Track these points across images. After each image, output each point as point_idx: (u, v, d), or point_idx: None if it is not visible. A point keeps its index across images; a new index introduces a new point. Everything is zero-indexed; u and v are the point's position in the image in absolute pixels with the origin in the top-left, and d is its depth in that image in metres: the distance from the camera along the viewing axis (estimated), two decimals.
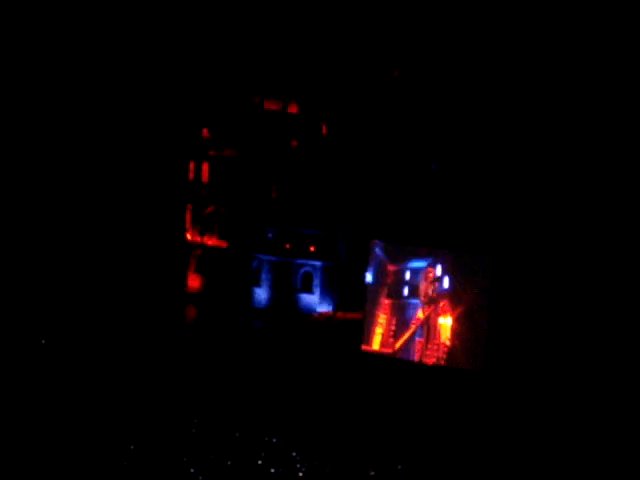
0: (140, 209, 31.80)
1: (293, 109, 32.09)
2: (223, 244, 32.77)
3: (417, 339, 28.00)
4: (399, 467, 21.78)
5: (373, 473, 21.21)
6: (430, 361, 27.77)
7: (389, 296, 28.21)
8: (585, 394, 24.65)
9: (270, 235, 32.10)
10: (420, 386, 26.95)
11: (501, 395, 25.87)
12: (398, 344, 28.15)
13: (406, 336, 28.12)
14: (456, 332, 27.48)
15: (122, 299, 30.86)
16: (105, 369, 27.03)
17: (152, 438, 22.08)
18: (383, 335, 28.27)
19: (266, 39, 31.16)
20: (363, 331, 28.56)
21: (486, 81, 27.99)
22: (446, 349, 27.60)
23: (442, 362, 27.59)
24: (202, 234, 32.79)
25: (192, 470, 20.46)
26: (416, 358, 27.99)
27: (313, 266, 31.31)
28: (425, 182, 29.24)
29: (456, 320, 27.45)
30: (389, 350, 28.28)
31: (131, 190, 31.74)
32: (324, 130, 31.16)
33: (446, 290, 27.65)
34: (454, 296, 27.55)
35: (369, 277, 28.93)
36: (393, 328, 28.33)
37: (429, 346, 27.88)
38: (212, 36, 31.76)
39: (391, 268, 28.23)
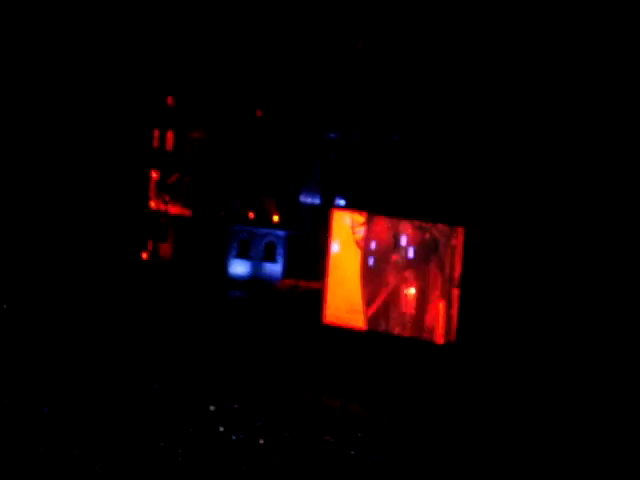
0: (103, 177, 31.63)
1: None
2: (187, 212, 32.69)
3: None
4: (359, 435, 22.04)
5: (333, 440, 21.44)
6: (395, 330, 27.95)
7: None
8: (560, 369, 24.90)
9: (236, 205, 32.06)
10: (382, 355, 27.22)
11: (466, 367, 26.14)
12: (370, 312, 28.35)
13: (377, 304, 28.31)
14: (419, 302, 27.71)
15: (83, 266, 30.76)
16: (69, 338, 27.07)
17: (113, 406, 22.17)
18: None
19: (233, 9, 31.02)
20: (325, 301, 28.70)
21: (453, 49, 27.94)
22: (411, 319, 27.79)
23: (406, 332, 27.77)
24: (166, 202, 32.70)
25: (153, 437, 20.60)
26: (382, 327, 28.20)
27: (277, 236, 31.35)
28: (390, 152, 29.24)
29: (419, 290, 27.67)
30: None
31: (94, 158, 31.53)
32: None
33: (411, 260, 27.82)
34: (417, 266, 27.75)
35: (336, 247, 29.00)
36: (367, 297, 28.52)
37: (394, 315, 28.06)
38: (179, 6, 31.58)
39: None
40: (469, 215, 27.22)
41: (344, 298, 28.51)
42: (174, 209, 32.67)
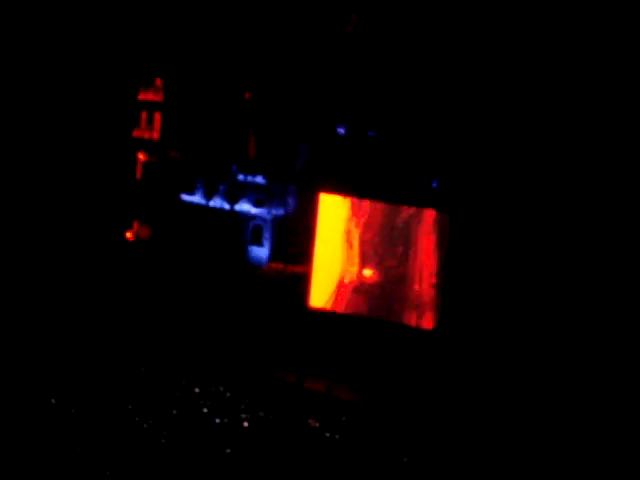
0: (90, 159, 31.53)
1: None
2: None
3: None
4: (343, 419, 22.15)
5: (317, 425, 21.53)
6: (379, 315, 28.11)
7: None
8: (544, 354, 25.09)
9: (223, 187, 31.99)
10: (365, 338, 27.38)
11: (447, 351, 26.32)
12: (352, 297, 28.51)
13: (359, 289, 28.52)
14: (401, 287, 27.99)
15: (70, 250, 30.66)
16: (60, 318, 27.05)
17: (98, 386, 22.20)
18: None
19: None
20: (309, 285, 28.75)
21: (437, 42, 28.00)
22: (394, 304, 28.01)
23: (389, 317, 28.00)
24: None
25: (137, 418, 20.64)
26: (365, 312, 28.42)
27: (263, 219, 31.24)
28: (379, 139, 29.28)
29: (400, 276, 27.98)
30: None
31: (81, 139, 31.43)
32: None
33: (390, 246, 28.07)
34: (397, 252, 28.03)
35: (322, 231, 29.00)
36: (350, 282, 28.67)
37: (378, 300, 28.26)
38: None
39: None
40: (456, 203, 27.38)
41: (328, 282, 28.65)
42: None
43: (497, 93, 26.79)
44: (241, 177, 31.25)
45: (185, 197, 31.65)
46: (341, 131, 29.62)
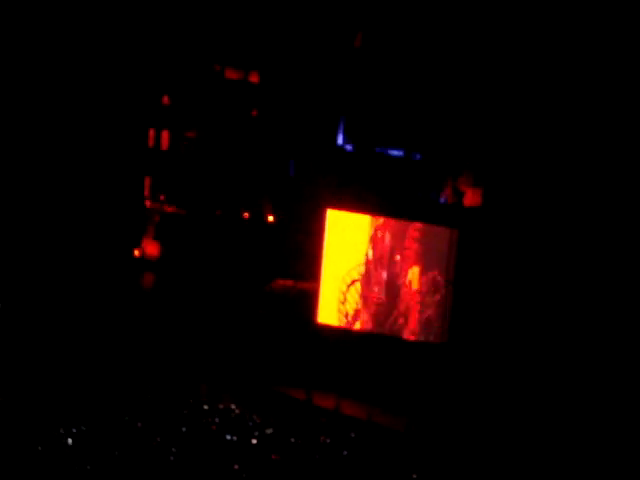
0: (98, 176, 31.55)
1: (254, 79, 32.01)
2: (182, 211, 32.53)
3: None
4: (352, 435, 22.06)
5: (329, 441, 21.47)
6: (387, 331, 28.12)
7: None
8: (554, 370, 25.02)
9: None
10: (375, 356, 27.33)
11: (457, 367, 26.25)
12: (362, 313, 28.48)
13: (368, 305, 28.47)
14: (409, 302, 27.94)
15: (77, 267, 30.65)
16: (58, 337, 27.00)
17: (104, 404, 22.16)
18: None
19: (228, 6, 31.06)
20: (317, 300, 28.69)
21: (450, 54, 28.06)
22: (399, 319, 27.99)
23: (398, 333, 27.99)
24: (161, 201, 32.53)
25: (145, 435, 20.59)
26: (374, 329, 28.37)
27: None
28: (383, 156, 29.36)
29: (409, 290, 27.95)
30: None
31: (89, 157, 31.45)
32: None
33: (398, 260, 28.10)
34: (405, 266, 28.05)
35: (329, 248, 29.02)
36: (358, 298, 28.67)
37: (385, 316, 28.26)
38: (172, 3, 31.57)
39: None
40: (463, 217, 27.39)
41: (336, 298, 28.60)
42: (169, 208, 32.42)
43: (511, 105, 26.79)
44: None
45: None
46: (348, 147, 29.70)
